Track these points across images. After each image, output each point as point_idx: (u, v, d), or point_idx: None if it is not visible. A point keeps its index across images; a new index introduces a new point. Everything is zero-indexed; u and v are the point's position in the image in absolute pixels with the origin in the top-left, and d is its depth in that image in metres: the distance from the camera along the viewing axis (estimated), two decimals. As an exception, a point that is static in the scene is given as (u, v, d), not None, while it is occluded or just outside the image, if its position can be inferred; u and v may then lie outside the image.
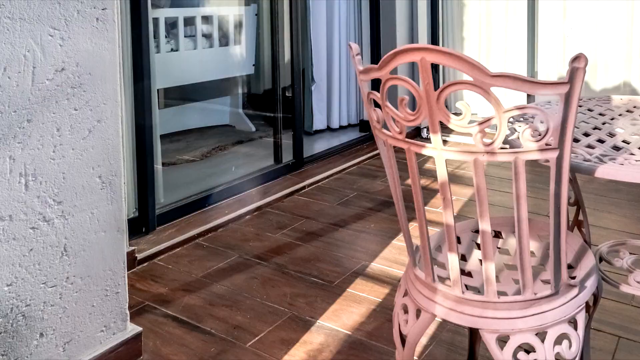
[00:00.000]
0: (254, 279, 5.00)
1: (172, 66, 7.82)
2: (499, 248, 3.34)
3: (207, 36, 8.29)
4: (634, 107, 4.12)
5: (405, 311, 2.99)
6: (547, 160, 2.48)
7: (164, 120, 8.00)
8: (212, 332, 4.26)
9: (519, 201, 2.51)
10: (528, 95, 7.75)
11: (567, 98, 2.33)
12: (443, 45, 9.70)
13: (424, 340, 4.07)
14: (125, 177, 4.74)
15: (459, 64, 2.29)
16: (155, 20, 7.50)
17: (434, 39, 9.59)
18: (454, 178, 7.43)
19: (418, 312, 2.90)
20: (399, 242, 5.61)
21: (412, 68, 8.75)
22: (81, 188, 3.48)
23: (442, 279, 2.90)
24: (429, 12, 9.44)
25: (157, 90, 6.34)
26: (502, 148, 2.42)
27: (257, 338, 4.19)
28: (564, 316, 2.69)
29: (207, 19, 8.33)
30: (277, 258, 5.35)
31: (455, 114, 2.42)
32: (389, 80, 2.54)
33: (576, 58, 2.26)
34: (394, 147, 2.75)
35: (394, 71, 2.49)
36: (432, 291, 2.83)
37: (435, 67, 9.25)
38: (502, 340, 2.64)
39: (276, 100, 7.84)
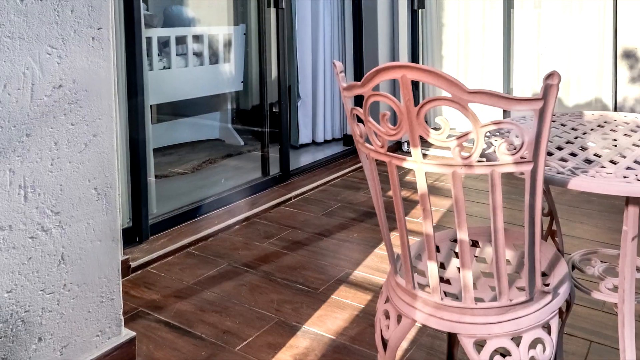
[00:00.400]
0: (243, 286, 4.99)
1: (165, 83, 7.82)
2: (476, 257, 3.34)
3: (198, 54, 8.29)
4: (605, 122, 4.12)
5: (387, 317, 3.00)
6: (522, 173, 2.49)
7: (156, 135, 8.01)
8: (203, 337, 4.25)
9: (495, 212, 2.52)
10: (504, 111, 7.76)
11: (541, 113, 2.34)
12: (423, 63, 9.72)
13: (404, 344, 4.07)
14: (120, 188, 4.75)
15: (438, 81, 2.30)
16: (149, 39, 7.51)
17: (414, 57, 9.58)
18: (434, 190, 7.43)
19: (399, 318, 2.90)
20: (380, 250, 5.61)
21: (394, 85, 8.77)
22: (78, 199, 3.47)
23: (422, 286, 2.90)
24: (410, 32, 9.46)
25: (150, 106, 6.33)
26: (479, 161, 2.43)
27: (245, 342, 4.19)
28: (538, 321, 2.70)
29: (197, 38, 8.33)
30: (265, 266, 5.34)
31: (435, 128, 2.43)
32: (371, 96, 2.55)
33: (550, 75, 2.28)
34: (376, 160, 2.75)
35: (376, 88, 2.49)
36: (413, 298, 2.84)
37: (415, 84, 9.26)
38: (479, 345, 2.65)
39: (264, 116, 7.84)
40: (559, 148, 3.39)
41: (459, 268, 3.06)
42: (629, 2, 7.29)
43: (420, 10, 9.55)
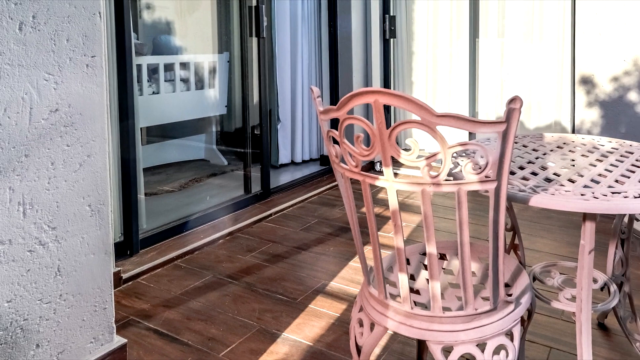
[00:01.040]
0: (226, 296, 4.99)
1: (154, 107, 7.80)
2: (444, 269, 3.37)
3: (185, 80, 8.28)
4: (564, 143, 4.15)
5: (361, 325, 3.01)
6: (487, 191, 2.52)
7: (146, 155, 7.98)
8: (189, 344, 4.25)
9: (461, 227, 2.54)
10: (470, 133, 7.77)
11: (505, 135, 2.36)
12: (394, 89, 9.73)
13: (377, 350, 4.07)
14: (112, 205, 4.73)
15: (408, 105, 2.32)
16: (139, 66, 7.48)
17: (386, 83, 9.58)
18: (404, 206, 7.43)
19: (372, 326, 2.93)
20: (355, 263, 5.61)
21: (367, 109, 8.77)
22: (73, 215, 3.47)
23: (394, 296, 2.92)
24: (382, 59, 9.46)
25: (140, 128, 6.32)
26: (446, 180, 2.46)
27: (229, 349, 4.19)
28: (502, 329, 2.73)
29: (184, 65, 8.32)
30: (247, 277, 5.33)
31: (405, 149, 2.44)
32: (346, 119, 2.57)
33: (512, 100, 2.31)
34: (351, 179, 2.77)
35: (351, 112, 2.51)
36: (385, 307, 2.86)
37: (387, 108, 9.25)
38: (447, 351, 2.67)
39: (246, 137, 7.84)
40: (521, 167, 3.42)
41: (427, 279, 3.09)
42: (586, 32, 7.34)
43: (391, 40, 9.55)
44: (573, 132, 7.65)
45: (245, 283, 5.24)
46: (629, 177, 3.15)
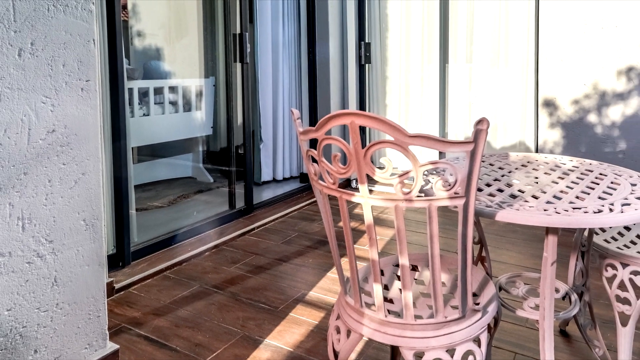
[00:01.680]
0: (212, 305, 4.98)
1: (144, 128, 7.78)
2: (416, 279, 3.36)
3: (173, 103, 8.26)
4: (528, 162, 4.15)
5: (338, 332, 3.01)
6: (456, 206, 2.53)
7: (137, 173, 7.97)
8: (177, 349, 4.23)
9: (432, 240, 2.56)
10: (440, 152, 7.78)
11: (472, 154, 2.38)
12: (369, 111, 9.74)
13: (353, 356, 4.07)
14: (105, 220, 4.73)
15: (382, 126, 2.33)
16: (130, 90, 7.47)
17: (362, 106, 9.57)
18: (378, 221, 7.44)
19: (348, 333, 2.93)
20: (332, 274, 5.61)
21: (344, 130, 8.76)
22: (68, 229, 3.46)
23: (369, 305, 2.92)
24: (358, 83, 9.45)
25: (132, 148, 6.30)
26: (418, 196, 2.47)
27: (214, 354, 4.18)
28: (470, 336, 2.74)
29: (173, 89, 8.32)
30: (232, 287, 5.32)
31: (380, 167, 2.46)
32: (324, 140, 2.58)
33: (480, 121, 2.33)
34: (329, 195, 2.78)
35: (329, 132, 2.52)
36: (360, 315, 2.87)
37: (362, 129, 9.25)
38: (419, 356, 2.69)
39: (230, 156, 7.83)
40: (488, 185, 3.41)
41: (400, 289, 3.08)
42: (549, 58, 7.37)
43: (366, 65, 9.55)
44: (536, 151, 7.66)
45: (230, 293, 5.23)
46: (588, 194, 3.16)
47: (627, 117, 6.88)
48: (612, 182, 3.45)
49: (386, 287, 3.26)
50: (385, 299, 3.08)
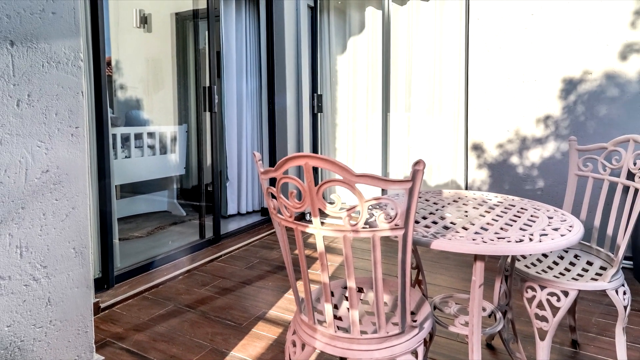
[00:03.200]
0: (185, 322, 4.96)
1: (126, 168, 7.75)
2: (362, 300, 3.36)
3: (151, 147, 8.23)
4: (459, 198, 4.17)
5: (294, 345, 3.01)
6: (396, 236, 2.55)
7: (120, 207, 7.95)
8: (155, 361, 4.24)
9: (375, 266, 2.57)
10: (382, 189, 7.80)
11: (410, 191, 2.41)
12: (321, 154, 9.76)
13: (308, 363, 4.09)
14: (92, 248, 4.72)
15: (332, 167, 2.36)
16: (114, 135, 7.45)
17: (315, 149, 9.56)
18: (329, 249, 7.42)
19: (303, 346, 2.93)
20: (289, 295, 5.61)
21: (299, 170, 8.78)
22: (60, 256, 3.46)
23: (320, 322, 2.93)
24: (311, 129, 9.45)
25: (115, 185, 6.27)
26: (363, 227, 2.49)
27: (188, 364, 4.18)
28: (409, 349, 2.76)
29: (151, 135, 8.28)
30: (202, 307, 5.31)
31: (330, 203, 2.49)
32: (282, 178, 2.59)
33: (417, 163, 2.36)
34: (286, 227, 2.79)
35: (286, 172, 2.55)
36: (313, 330, 2.88)
37: (315, 169, 9.27)
38: (363, 363, 2.70)
39: (201, 193, 7.83)
40: (424, 217, 3.42)
41: (348, 308, 3.11)
42: (477, 107, 7.43)
43: (319, 114, 9.57)
44: (466, 188, 7.68)
45: (200, 311, 5.21)
46: (511, 225, 3.20)
47: (544, 159, 6.95)
48: (531, 216, 3.49)
49: (336, 307, 3.26)
50: (335, 317, 3.09)
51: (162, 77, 9.22)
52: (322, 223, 2.45)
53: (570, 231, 3.07)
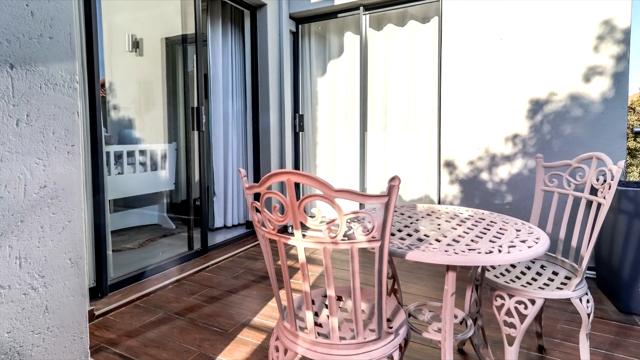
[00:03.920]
0: (174, 328, 4.95)
1: (119, 184, 7.73)
2: (341, 307, 3.35)
3: (143, 164, 8.21)
4: (432, 212, 4.18)
5: (277, 350, 3.01)
6: (373, 248, 2.56)
7: (113, 221, 7.93)
8: (147, 365, 4.22)
9: (354, 275, 2.57)
10: (360, 204, 7.80)
11: (387, 206, 2.43)
12: (303, 170, 9.78)
13: (291, 366, 4.09)
14: (87, 259, 4.71)
15: (313, 183, 2.38)
16: (108, 153, 7.43)
17: (297, 166, 9.58)
18: (310, 260, 7.41)
19: (285, 351, 2.93)
20: (272, 303, 5.60)
21: (282, 185, 8.78)
22: (57, 267, 3.45)
23: (302, 328, 2.94)
24: (293, 147, 9.45)
25: (109, 200, 6.27)
26: (342, 240, 2.50)
27: (177, 368, 4.17)
28: (385, 354, 2.76)
29: (142, 152, 8.26)
30: (190, 314, 5.30)
31: (311, 216, 2.51)
32: (266, 193, 2.60)
33: (392, 179, 2.39)
34: (269, 239, 2.81)
35: (270, 187, 2.57)
36: (295, 336, 2.89)
37: (297, 185, 9.28)
38: (343, 367, 2.72)
39: (189, 207, 7.81)
40: (399, 230, 3.43)
41: (328, 316, 3.13)
42: (449, 126, 7.45)
43: (300, 132, 9.59)
44: (439, 203, 7.69)
45: (189, 318, 5.20)
46: (481, 238, 3.22)
47: (512, 175, 6.98)
48: (500, 228, 3.51)
49: (316, 314, 3.27)
50: (316, 324, 3.10)
51: (153, 98, 9.21)
52: (304, 235, 2.45)
53: (536, 243, 3.10)
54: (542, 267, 4.23)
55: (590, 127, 6.43)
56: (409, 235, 3.33)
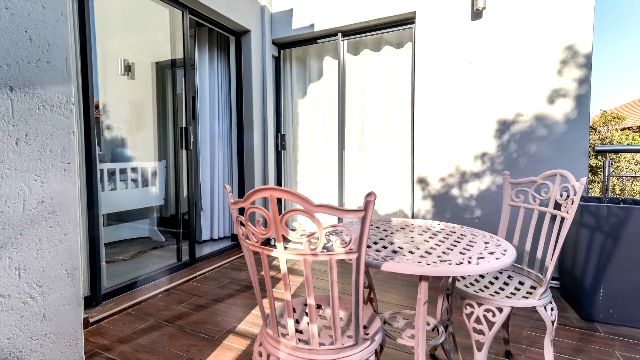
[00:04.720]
0: (164, 335, 4.93)
1: (112, 199, 7.71)
2: (320, 315, 3.36)
3: (134, 180, 8.19)
4: (406, 225, 4.18)
5: (260, 355, 3.02)
6: (350, 260, 2.59)
7: (107, 234, 7.92)
8: (138, 370, 4.20)
9: (332, 285, 2.61)
10: (338, 218, 7.79)
11: (363, 220, 2.47)
12: (284, 186, 9.78)
13: (274, 370, 4.08)
14: (82, 269, 4.70)
15: (294, 198, 2.41)
16: (101, 170, 7.43)
17: (279, 182, 9.56)
18: (291, 270, 7.41)
19: (268, 356, 2.95)
20: (256, 311, 5.59)
21: (265, 200, 8.77)
22: (54, 277, 3.45)
23: (284, 335, 2.95)
24: (276, 165, 9.46)
25: (102, 214, 6.27)
26: (322, 251, 2.52)
27: (167, 372, 4.15)
28: (362, 359, 2.78)
29: (134, 170, 8.25)
30: (179, 321, 5.28)
31: (292, 230, 2.53)
32: (250, 208, 2.62)
33: (369, 194, 2.42)
34: (253, 251, 2.83)
35: (254, 203, 2.60)
36: (277, 342, 2.90)
37: (279, 200, 9.29)
38: (322, 370, 2.73)
39: (178, 221, 7.81)
40: (375, 243, 3.44)
41: (308, 323, 3.13)
42: (422, 145, 7.45)
43: (282, 151, 9.59)
44: (412, 217, 7.68)
45: (178, 325, 5.18)
46: (452, 250, 3.25)
47: (481, 191, 7.01)
48: (470, 241, 3.53)
49: (297, 321, 3.28)
50: (297, 330, 3.12)
51: (144, 118, 9.21)
52: (285, 248, 2.46)
53: (504, 255, 3.13)
54: (509, 277, 4.26)
55: (554, 146, 6.49)
56: (384, 247, 3.35)
